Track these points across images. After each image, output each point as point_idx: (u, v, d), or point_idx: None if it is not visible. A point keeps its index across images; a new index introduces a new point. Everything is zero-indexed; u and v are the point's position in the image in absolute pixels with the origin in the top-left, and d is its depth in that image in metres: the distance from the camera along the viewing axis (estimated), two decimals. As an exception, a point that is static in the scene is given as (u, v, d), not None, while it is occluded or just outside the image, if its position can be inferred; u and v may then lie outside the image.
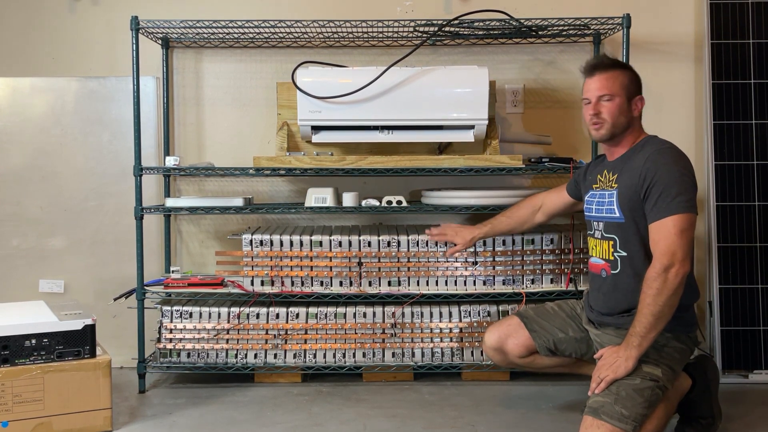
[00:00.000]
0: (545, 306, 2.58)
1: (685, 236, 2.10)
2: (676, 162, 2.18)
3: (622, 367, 2.10)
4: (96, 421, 2.46)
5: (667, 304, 2.08)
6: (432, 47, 3.22)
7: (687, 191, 2.14)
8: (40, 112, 3.21)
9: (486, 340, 2.56)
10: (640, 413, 2.05)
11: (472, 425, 2.53)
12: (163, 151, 3.22)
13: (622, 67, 2.33)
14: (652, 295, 2.08)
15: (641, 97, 2.32)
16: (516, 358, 2.53)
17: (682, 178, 2.16)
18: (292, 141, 3.07)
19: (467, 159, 2.86)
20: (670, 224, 2.11)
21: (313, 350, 2.92)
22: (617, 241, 2.28)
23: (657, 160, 2.18)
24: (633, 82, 2.31)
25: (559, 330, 2.48)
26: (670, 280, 2.07)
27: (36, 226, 3.23)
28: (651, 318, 2.08)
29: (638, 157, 2.25)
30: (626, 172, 2.26)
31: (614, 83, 2.28)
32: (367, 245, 2.90)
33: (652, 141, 2.29)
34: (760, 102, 3.06)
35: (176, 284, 2.93)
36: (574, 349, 2.48)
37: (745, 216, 3.02)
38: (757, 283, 2.99)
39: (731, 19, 3.10)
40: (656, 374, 2.12)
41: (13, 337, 2.38)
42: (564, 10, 3.14)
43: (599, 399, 2.08)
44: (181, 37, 3.16)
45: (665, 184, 2.14)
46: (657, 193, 2.14)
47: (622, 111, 2.28)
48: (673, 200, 2.12)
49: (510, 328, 2.53)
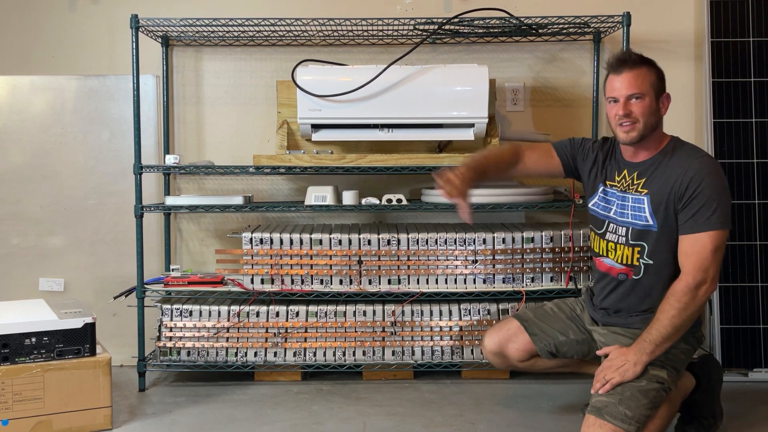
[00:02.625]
0: (544, 307, 2.54)
1: (719, 254, 2.06)
2: (718, 174, 2.12)
3: (630, 371, 2.08)
4: (96, 420, 2.46)
5: (689, 319, 2.06)
6: (432, 45, 3.22)
7: (726, 206, 2.08)
8: (40, 110, 3.21)
9: (486, 345, 2.52)
10: (643, 414, 2.03)
11: (472, 423, 2.53)
12: (163, 150, 3.22)
13: (649, 64, 2.20)
14: (679, 308, 2.04)
15: (668, 95, 2.21)
16: (516, 361, 2.50)
17: (724, 192, 2.10)
18: (291, 139, 3.07)
19: (467, 157, 2.86)
20: (707, 240, 2.05)
21: (313, 348, 2.92)
22: (646, 248, 2.20)
23: (701, 170, 2.10)
24: (660, 79, 2.20)
25: (560, 333, 2.44)
26: (699, 297, 2.04)
27: (36, 224, 3.23)
28: (671, 330, 2.05)
29: (673, 163, 2.16)
30: (659, 178, 2.17)
31: (644, 81, 2.15)
32: (367, 243, 2.90)
33: (683, 146, 2.21)
34: (760, 100, 3.06)
35: (176, 283, 2.94)
36: (576, 351, 2.45)
37: (745, 214, 3.02)
38: (757, 282, 2.99)
39: (731, 17, 3.09)
40: (662, 376, 2.10)
41: (14, 335, 2.38)
42: (564, 8, 3.13)
43: (603, 399, 2.07)
44: (181, 36, 3.16)
45: (707, 197, 2.07)
46: (698, 206, 2.08)
47: (653, 111, 2.16)
48: (712, 215, 2.06)
49: (510, 332, 2.48)
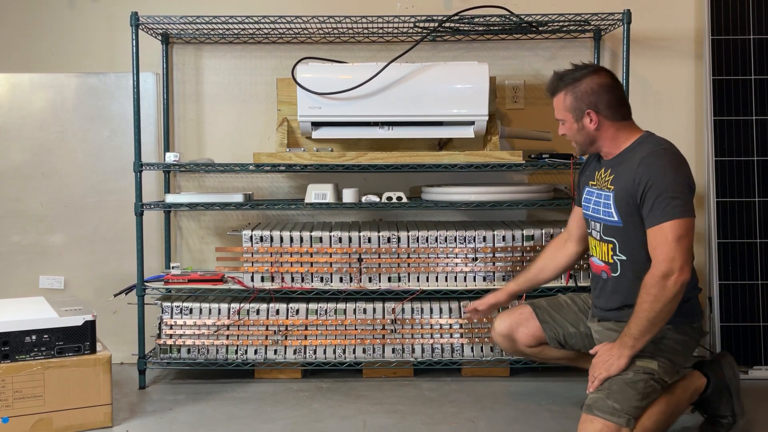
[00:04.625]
0: (558, 298, 2.57)
1: (683, 242, 2.06)
2: (671, 164, 2.13)
3: (615, 365, 2.10)
4: (96, 417, 2.46)
5: (663, 311, 2.06)
6: (432, 43, 3.22)
7: (682, 195, 2.09)
8: (40, 108, 3.21)
9: (496, 326, 2.56)
10: (633, 406, 2.04)
11: (472, 421, 2.54)
12: (163, 148, 3.22)
13: (565, 85, 2.26)
14: (650, 301, 2.06)
15: (589, 112, 2.22)
16: (524, 347, 2.53)
17: (677, 181, 2.11)
18: (292, 137, 3.06)
19: (467, 155, 2.86)
20: (667, 230, 2.07)
21: (313, 346, 2.92)
22: (616, 244, 2.25)
23: (650, 164, 2.13)
24: (579, 99, 2.23)
25: (570, 324, 2.47)
26: (668, 287, 2.05)
27: (36, 222, 3.23)
28: (646, 323, 2.07)
29: (633, 159, 2.19)
30: (621, 174, 2.21)
31: (560, 108, 2.28)
32: (367, 241, 2.90)
33: (648, 141, 2.23)
34: (761, 98, 3.06)
35: (176, 280, 2.94)
36: (584, 344, 2.46)
37: (745, 212, 3.02)
38: (757, 279, 2.99)
39: (732, 14, 3.09)
40: (651, 367, 2.11)
41: (14, 333, 2.38)
42: (564, 5, 3.13)
43: (593, 395, 2.09)
44: (180, 33, 3.16)
45: (660, 189, 2.09)
46: (652, 198, 2.10)
47: (577, 130, 2.27)
48: (668, 205, 2.08)
49: (521, 317, 2.52)
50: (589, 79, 2.23)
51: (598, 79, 2.23)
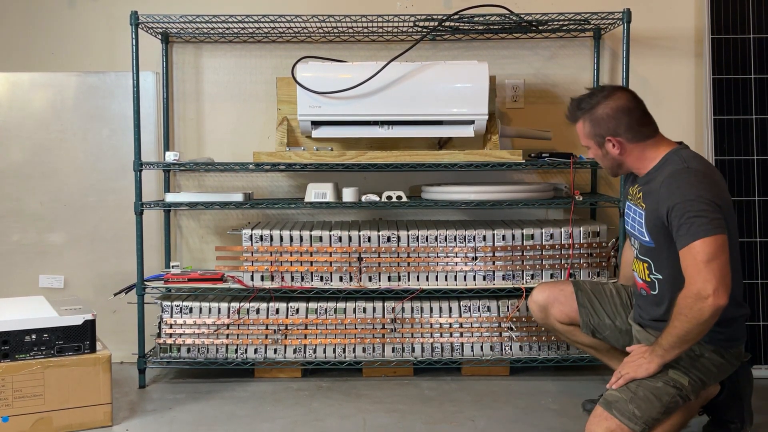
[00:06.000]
0: (605, 285, 2.51)
1: (714, 263, 1.96)
2: (691, 183, 2.06)
3: (644, 368, 2.05)
4: (96, 416, 2.46)
5: (693, 331, 1.99)
6: (432, 42, 3.22)
7: (706, 212, 2.00)
8: (40, 107, 3.21)
9: (534, 296, 2.54)
10: (652, 417, 2.00)
11: (472, 420, 2.54)
12: (163, 147, 3.22)
13: (583, 113, 2.22)
14: (681, 320, 1.99)
15: (609, 138, 2.18)
16: (556, 322, 2.51)
17: (699, 198, 2.02)
18: (291, 136, 3.06)
19: (467, 154, 2.86)
20: (695, 251, 1.98)
21: (313, 345, 2.92)
22: (651, 264, 2.20)
23: (670, 185, 2.07)
24: (597, 125, 2.19)
25: (607, 316, 2.43)
26: (702, 311, 1.96)
27: (36, 221, 3.23)
28: (676, 339, 2.01)
29: (657, 180, 2.13)
30: (649, 195, 2.16)
31: (581, 135, 2.25)
32: (367, 240, 2.89)
33: (671, 160, 2.15)
34: (761, 97, 3.05)
35: (176, 280, 2.94)
36: (615, 339, 2.43)
37: (745, 211, 3.02)
38: (757, 278, 2.99)
39: (731, 13, 3.09)
40: (681, 382, 2.06)
41: (14, 332, 2.38)
42: (564, 5, 3.13)
43: (616, 393, 2.05)
44: (180, 32, 3.16)
45: (683, 210, 2.02)
46: (677, 220, 2.03)
47: (602, 156, 2.24)
48: (692, 225, 2.00)
49: (561, 293, 2.49)
50: (605, 104, 2.18)
51: (613, 103, 2.18)
